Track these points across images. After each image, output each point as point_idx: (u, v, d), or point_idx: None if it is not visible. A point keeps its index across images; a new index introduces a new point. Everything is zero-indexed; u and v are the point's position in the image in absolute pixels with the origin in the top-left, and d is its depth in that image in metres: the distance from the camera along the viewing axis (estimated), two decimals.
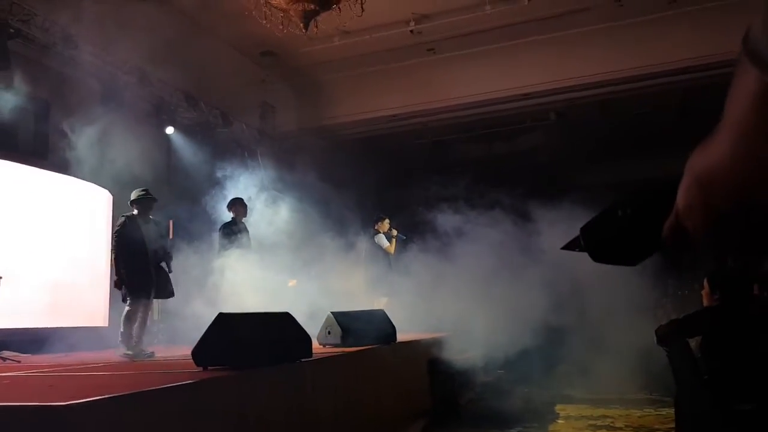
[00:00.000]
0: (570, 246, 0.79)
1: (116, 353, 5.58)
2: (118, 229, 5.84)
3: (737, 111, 0.47)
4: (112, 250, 5.92)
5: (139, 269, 5.75)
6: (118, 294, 7.30)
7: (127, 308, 5.75)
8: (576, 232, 0.78)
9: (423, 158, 12.26)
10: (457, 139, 12.03)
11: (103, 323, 7.72)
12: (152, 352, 5.61)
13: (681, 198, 0.54)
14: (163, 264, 6.08)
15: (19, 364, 4.75)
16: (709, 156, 0.50)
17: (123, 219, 5.90)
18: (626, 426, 5.52)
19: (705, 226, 0.53)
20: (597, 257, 0.76)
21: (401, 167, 12.39)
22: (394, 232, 8.80)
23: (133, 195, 6.04)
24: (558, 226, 5.92)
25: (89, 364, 4.69)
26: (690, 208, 0.54)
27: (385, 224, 8.83)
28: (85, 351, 6.40)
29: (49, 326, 6.73)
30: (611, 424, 5.63)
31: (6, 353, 5.16)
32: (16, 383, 3.35)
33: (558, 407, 6.50)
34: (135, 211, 5.96)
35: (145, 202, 6.00)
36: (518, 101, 10.56)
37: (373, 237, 8.66)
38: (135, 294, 5.75)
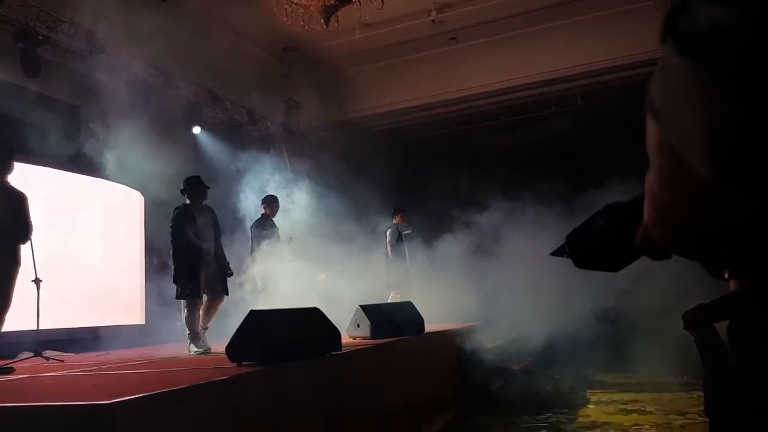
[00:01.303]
0: (558, 252, 0.82)
1: (187, 352, 5.32)
2: (172, 224, 5.52)
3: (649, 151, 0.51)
4: (171, 243, 5.56)
5: (194, 264, 5.39)
6: (153, 292, 7.52)
7: (185, 311, 5.48)
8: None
9: (447, 148, 12.24)
10: (481, 128, 11.96)
11: (141, 321, 7.94)
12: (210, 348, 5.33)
13: (644, 212, 0.58)
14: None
15: (62, 363, 4.92)
16: (649, 179, 0.54)
17: (176, 211, 5.59)
18: (657, 410, 5.48)
19: (663, 239, 0.56)
20: (579, 264, 0.80)
21: (425, 158, 12.38)
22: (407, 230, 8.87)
23: (184, 183, 5.75)
24: (588, 213, 5.85)
25: (129, 361, 4.85)
26: (650, 220, 0.57)
27: (399, 217, 8.92)
28: (124, 348, 6.59)
29: (89, 325, 6.96)
30: (642, 408, 5.60)
31: (49, 353, 5.35)
32: (60, 383, 3.49)
33: (589, 392, 6.49)
34: (187, 201, 5.66)
35: (195, 189, 5.67)
36: (543, 87, 10.45)
37: (386, 230, 8.76)
38: (190, 293, 5.41)
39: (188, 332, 5.47)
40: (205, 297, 5.61)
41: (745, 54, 0.41)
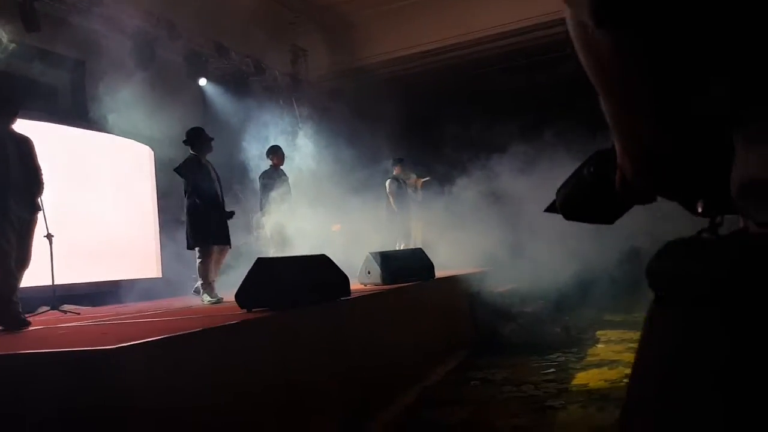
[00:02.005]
0: (551, 208, 0.79)
1: (202, 302, 5.43)
2: (184, 174, 5.53)
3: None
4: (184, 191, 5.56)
5: (207, 213, 5.44)
6: (168, 245, 7.63)
7: (198, 261, 5.48)
8: None
9: (461, 93, 11.98)
10: (495, 72, 11.64)
11: (157, 274, 8.09)
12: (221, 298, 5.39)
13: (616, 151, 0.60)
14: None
15: (78, 316, 5.05)
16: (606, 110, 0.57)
17: (186, 162, 5.60)
18: None
19: (633, 174, 0.58)
20: (568, 216, 0.77)
21: (438, 104, 12.16)
22: (413, 177, 8.80)
23: (188, 135, 5.74)
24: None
25: (143, 312, 4.96)
26: (619, 155, 0.59)
27: (399, 167, 8.88)
28: (141, 301, 6.73)
29: (106, 279, 7.11)
30: None
31: (66, 307, 5.49)
32: (72, 332, 3.59)
33: (599, 333, 6.52)
34: (192, 153, 5.65)
35: (199, 141, 5.67)
36: (559, 26, 10.09)
37: (386, 182, 8.75)
38: (205, 241, 5.45)
39: (201, 282, 5.55)
40: (214, 248, 5.66)
41: None
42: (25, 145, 4.35)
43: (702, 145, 0.53)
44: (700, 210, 0.59)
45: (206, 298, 5.46)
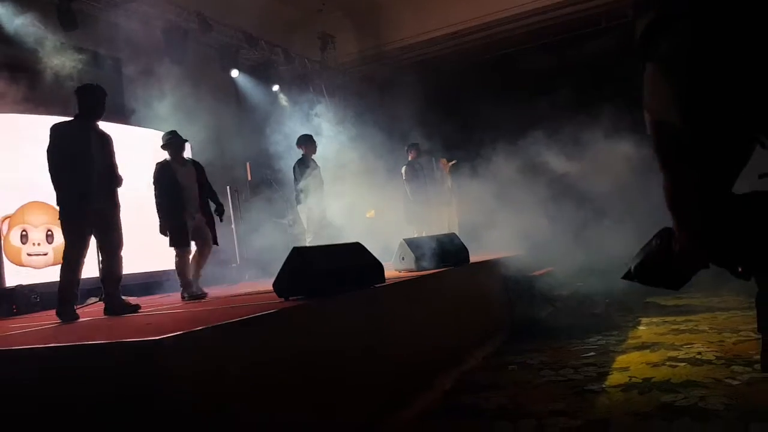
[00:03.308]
0: (627, 276, 1.01)
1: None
2: (155, 177, 5.70)
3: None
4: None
5: (176, 216, 5.61)
6: None
7: (176, 259, 5.65)
8: None
9: (490, 75, 11.82)
10: (526, 51, 11.44)
11: None
12: (205, 293, 5.59)
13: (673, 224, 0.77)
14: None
15: None
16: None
17: (157, 166, 5.75)
18: (710, 328, 5.36)
19: (687, 241, 0.75)
20: (642, 281, 0.99)
21: (467, 85, 12.03)
22: (443, 161, 8.72)
23: (163, 139, 5.91)
24: (638, 136, 5.62)
25: (184, 302, 5.08)
26: (676, 230, 0.77)
27: (413, 153, 8.83)
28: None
29: (150, 270, 7.32)
30: (695, 327, 5.49)
31: None
32: (118, 323, 3.72)
33: (640, 315, 6.41)
34: (168, 157, 5.81)
35: (175, 145, 5.82)
36: (588, 2, 9.87)
37: (402, 169, 8.66)
38: (177, 243, 5.62)
39: (180, 280, 5.62)
40: (194, 246, 5.76)
41: (688, 60, 0.73)
42: (105, 141, 4.53)
43: (736, 223, 0.69)
44: (740, 270, 0.75)
45: (185, 296, 5.52)
